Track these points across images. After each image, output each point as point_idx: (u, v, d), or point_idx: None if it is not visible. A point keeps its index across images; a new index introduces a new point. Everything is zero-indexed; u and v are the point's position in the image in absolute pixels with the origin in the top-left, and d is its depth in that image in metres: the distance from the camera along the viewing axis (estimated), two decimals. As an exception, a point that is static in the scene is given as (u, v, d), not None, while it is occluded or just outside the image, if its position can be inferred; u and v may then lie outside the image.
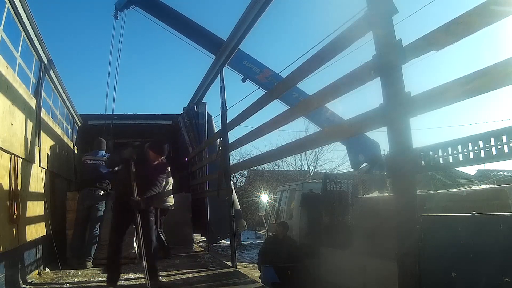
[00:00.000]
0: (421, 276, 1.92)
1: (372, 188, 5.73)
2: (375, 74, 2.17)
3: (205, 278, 4.07)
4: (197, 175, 7.80)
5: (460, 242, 1.90)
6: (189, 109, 8.13)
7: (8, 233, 3.18)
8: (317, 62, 2.92)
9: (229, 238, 5.92)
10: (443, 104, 1.86)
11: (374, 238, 4.06)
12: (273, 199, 9.21)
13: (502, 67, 1.57)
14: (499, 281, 1.74)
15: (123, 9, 8.55)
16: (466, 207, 3.19)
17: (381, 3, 2.17)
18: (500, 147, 1.63)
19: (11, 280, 3.16)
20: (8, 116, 3.18)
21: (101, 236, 4.80)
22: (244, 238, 19.49)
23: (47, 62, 4.58)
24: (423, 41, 1.95)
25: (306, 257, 5.94)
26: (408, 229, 1.97)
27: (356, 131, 2.84)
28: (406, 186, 2.01)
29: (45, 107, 4.67)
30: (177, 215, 6.38)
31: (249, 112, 4.35)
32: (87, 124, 8.19)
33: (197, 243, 8.40)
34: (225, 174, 5.24)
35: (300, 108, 3.56)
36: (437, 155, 1.90)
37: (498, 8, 1.60)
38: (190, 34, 8.34)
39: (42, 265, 4.25)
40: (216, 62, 5.95)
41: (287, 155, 9.31)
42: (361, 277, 4.32)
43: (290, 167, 24.59)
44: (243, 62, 8.45)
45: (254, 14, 4.33)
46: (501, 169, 8.81)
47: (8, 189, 3.22)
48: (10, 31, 3.31)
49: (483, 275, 1.81)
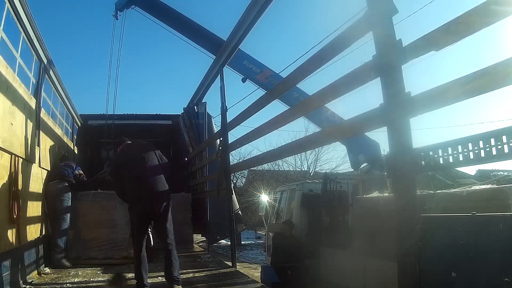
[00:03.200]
0: (421, 276, 1.92)
1: (372, 188, 5.73)
2: (375, 74, 2.17)
3: (205, 278, 4.07)
4: (197, 175, 7.79)
5: (460, 242, 1.89)
6: (189, 109, 8.12)
7: (8, 233, 3.18)
8: (317, 62, 2.92)
9: (229, 238, 5.92)
10: (443, 104, 1.85)
11: (374, 238, 4.05)
12: (273, 199, 9.21)
13: (502, 67, 1.57)
14: (499, 281, 1.74)
15: (123, 9, 8.55)
16: (466, 207, 3.19)
17: (381, 3, 2.17)
18: (500, 147, 1.63)
19: (11, 280, 3.16)
20: (8, 116, 3.18)
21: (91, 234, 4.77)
22: (244, 238, 19.51)
23: (47, 62, 4.58)
24: (423, 41, 1.95)
25: (306, 257, 5.93)
26: (408, 229, 1.97)
27: (356, 131, 2.85)
28: (406, 186, 2.01)
29: (45, 107, 4.67)
30: (177, 215, 6.36)
31: (249, 112, 4.35)
32: (87, 124, 8.19)
33: (197, 243, 8.40)
34: (225, 174, 5.24)
35: (300, 108, 3.56)
36: (437, 155, 1.90)
37: (498, 8, 1.60)
38: (190, 34, 8.34)
39: (42, 265, 4.25)
40: (216, 62, 5.95)
41: (287, 155, 9.32)
42: (361, 277, 4.31)
43: (290, 167, 24.63)
44: (243, 62, 8.45)
45: (254, 14, 4.32)
46: (501, 169, 8.82)
47: (8, 189, 3.22)
48: (10, 31, 3.31)
49: (483, 275, 1.81)
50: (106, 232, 5.04)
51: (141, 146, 3.83)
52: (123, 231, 4.92)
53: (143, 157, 3.64)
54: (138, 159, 3.62)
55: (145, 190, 3.50)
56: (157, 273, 4.09)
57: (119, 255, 4.87)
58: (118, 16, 8.62)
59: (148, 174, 3.58)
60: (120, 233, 4.99)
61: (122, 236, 4.96)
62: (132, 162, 3.62)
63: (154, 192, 3.52)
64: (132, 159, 3.65)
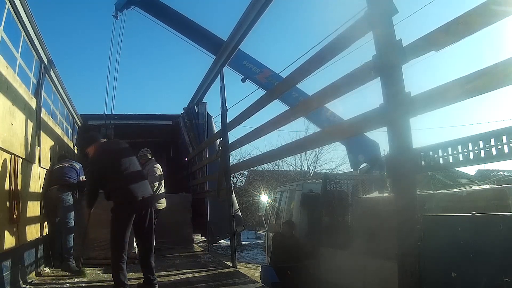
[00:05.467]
0: (421, 276, 1.92)
1: (372, 188, 5.73)
2: (375, 74, 2.17)
3: (205, 278, 4.07)
4: (197, 175, 7.80)
5: (460, 242, 1.90)
6: (189, 109, 8.14)
7: (8, 233, 3.17)
8: (317, 62, 2.92)
9: (229, 238, 5.92)
10: (443, 104, 1.85)
11: (374, 238, 4.05)
12: (273, 199, 9.21)
13: (502, 67, 1.57)
14: (499, 281, 1.74)
15: (122, 9, 8.55)
16: (466, 207, 3.18)
17: (381, 3, 2.17)
18: (500, 147, 1.63)
19: (11, 280, 3.16)
20: (8, 116, 3.18)
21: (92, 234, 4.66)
22: (244, 238, 19.50)
23: (47, 62, 4.58)
24: (423, 41, 1.95)
25: (306, 257, 5.93)
26: (408, 229, 1.97)
27: (356, 131, 2.84)
28: (406, 186, 2.01)
29: (45, 107, 4.67)
30: (177, 215, 6.39)
31: (249, 112, 4.35)
32: (87, 124, 8.20)
33: (197, 243, 8.41)
34: (225, 174, 5.24)
35: (300, 108, 3.56)
36: (437, 155, 1.89)
37: (498, 8, 1.60)
38: (190, 34, 8.35)
39: (42, 265, 4.24)
40: (216, 62, 5.95)
41: (287, 155, 9.32)
42: (361, 277, 4.31)
43: (290, 167, 24.58)
44: (243, 62, 8.46)
45: (254, 14, 4.33)
46: (501, 169, 8.80)
47: (8, 189, 3.22)
48: (10, 31, 3.31)
49: (483, 275, 1.81)
50: (107, 232, 5.03)
51: (124, 144, 3.72)
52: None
53: (131, 157, 3.60)
54: (127, 159, 3.54)
55: (140, 191, 3.44)
56: (157, 273, 4.09)
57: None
58: (118, 17, 8.62)
59: (140, 175, 3.58)
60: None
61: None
62: (120, 161, 3.50)
63: (147, 194, 3.50)
64: (119, 158, 3.52)
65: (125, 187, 3.41)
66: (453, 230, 1.96)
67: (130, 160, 3.56)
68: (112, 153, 3.62)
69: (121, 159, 3.51)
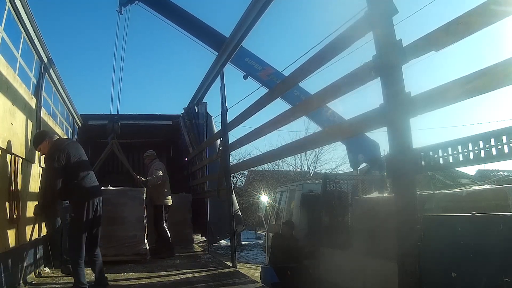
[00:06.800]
0: (421, 276, 1.92)
1: (372, 189, 5.73)
2: (375, 74, 2.17)
3: (205, 278, 4.07)
4: (197, 175, 7.80)
5: (460, 242, 1.89)
6: (189, 109, 8.13)
7: (8, 233, 3.17)
8: (317, 62, 2.92)
9: (229, 238, 5.92)
10: (443, 104, 1.85)
11: (374, 238, 4.05)
12: (273, 199, 9.21)
13: (502, 67, 1.57)
14: (499, 281, 1.74)
15: (126, 4, 8.55)
16: (466, 207, 3.18)
17: (381, 3, 2.17)
18: (500, 147, 1.63)
19: (11, 280, 3.16)
20: (8, 116, 3.18)
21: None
22: (244, 238, 19.51)
23: (47, 62, 4.58)
24: (423, 41, 1.95)
25: (306, 258, 5.93)
26: (408, 229, 1.97)
27: (356, 131, 2.84)
28: (406, 186, 2.01)
29: (45, 107, 4.67)
30: (177, 215, 6.40)
31: (249, 112, 4.35)
32: (87, 124, 8.19)
33: (197, 243, 8.40)
34: (225, 174, 5.24)
35: (301, 108, 3.56)
36: (437, 155, 1.89)
37: (498, 8, 1.60)
38: (193, 31, 8.35)
39: (42, 265, 4.24)
40: (216, 62, 5.94)
41: (287, 155, 9.32)
42: (361, 277, 4.31)
43: (290, 167, 24.59)
44: (245, 59, 8.46)
45: (256, 13, 4.32)
46: (501, 169, 8.82)
47: (8, 189, 3.22)
48: (11, 31, 3.31)
49: (483, 275, 1.81)
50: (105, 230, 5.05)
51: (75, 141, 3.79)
52: (133, 228, 5.07)
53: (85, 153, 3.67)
54: (84, 155, 3.61)
55: (98, 188, 3.51)
56: (157, 273, 4.09)
57: (130, 251, 4.95)
58: (122, 11, 8.62)
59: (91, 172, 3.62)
60: (129, 230, 5.08)
61: (131, 233, 5.06)
62: (83, 156, 3.57)
63: (101, 192, 3.58)
64: (82, 153, 3.60)
65: (87, 182, 3.47)
66: (453, 230, 1.95)
67: (84, 155, 3.62)
68: (74, 147, 3.62)
69: (82, 153, 3.59)
